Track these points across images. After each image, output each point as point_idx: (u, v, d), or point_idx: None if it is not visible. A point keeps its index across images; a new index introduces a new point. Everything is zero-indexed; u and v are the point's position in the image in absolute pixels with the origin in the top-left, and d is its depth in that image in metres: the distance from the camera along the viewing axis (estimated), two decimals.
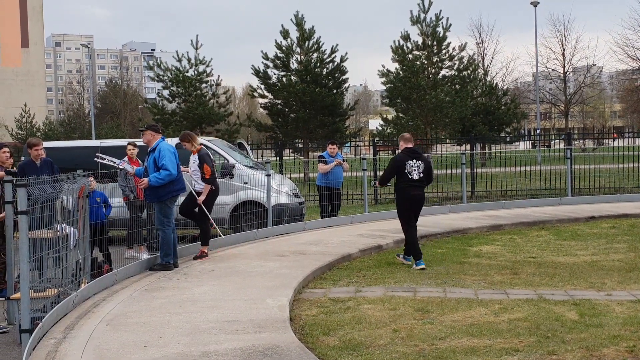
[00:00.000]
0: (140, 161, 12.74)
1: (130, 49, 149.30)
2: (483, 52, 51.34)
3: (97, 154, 10.78)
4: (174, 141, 15.03)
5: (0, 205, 8.12)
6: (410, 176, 9.90)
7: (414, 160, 9.97)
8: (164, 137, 9.83)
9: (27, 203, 6.57)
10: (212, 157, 10.92)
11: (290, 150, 34.53)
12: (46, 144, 15.01)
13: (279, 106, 33.32)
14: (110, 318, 6.84)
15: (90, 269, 9.04)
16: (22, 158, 13.89)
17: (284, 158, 25.49)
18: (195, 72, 33.55)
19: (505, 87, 49.10)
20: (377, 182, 10.86)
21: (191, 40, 33.00)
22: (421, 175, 9.94)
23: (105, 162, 10.40)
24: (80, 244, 8.60)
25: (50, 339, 6.12)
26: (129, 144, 13.06)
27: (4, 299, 8.15)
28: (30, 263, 6.76)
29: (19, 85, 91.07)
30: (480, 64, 46.45)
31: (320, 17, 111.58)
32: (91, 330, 6.37)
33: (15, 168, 10.15)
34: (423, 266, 9.68)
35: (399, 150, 10.38)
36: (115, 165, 10.53)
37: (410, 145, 10.16)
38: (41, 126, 66.12)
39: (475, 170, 22.32)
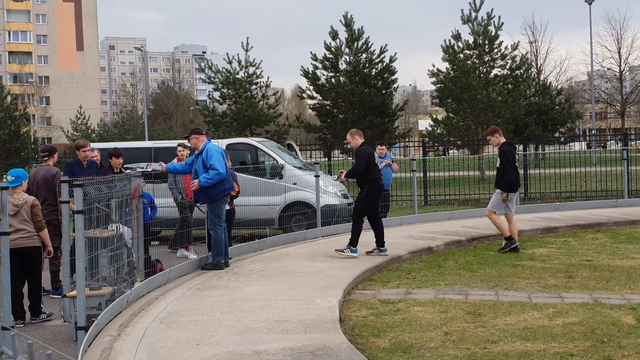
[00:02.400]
0: None
1: (182, 52, 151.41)
2: (536, 50, 50.52)
3: (124, 166, 10.94)
4: (224, 142, 15.23)
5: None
6: (379, 166, 10.62)
7: (375, 153, 10.66)
8: (210, 139, 9.92)
9: (83, 203, 6.72)
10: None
11: (339, 151, 34.54)
12: (100, 145, 15.36)
13: (328, 107, 33.33)
14: (164, 316, 6.94)
15: (143, 268, 9.20)
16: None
17: (332, 159, 25.51)
18: (246, 74, 33.83)
19: (559, 86, 48.28)
20: (344, 174, 11.04)
21: (242, 43, 33.29)
22: (380, 166, 10.70)
23: (134, 172, 10.54)
24: (134, 243, 8.75)
25: (105, 336, 6.23)
26: (179, 145, 13.21)
27: (60, 296, 8.38)
28: (85, 262, 6.91)
29: (75, 88, 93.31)
30: (533, 63, 45.72)
31: (369, 17, 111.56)
32: (145, 328, 6.47)
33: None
34: (357, 254, 10.22)
35: (355, 145, 10.73)
36: (144, 169, 10.66)
37: (363, 139, 10.75)
38: (96, 128, 67.66)
39: (528, 171, 21.95)
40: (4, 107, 37.84)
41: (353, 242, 10.36)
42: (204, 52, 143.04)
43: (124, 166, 10.95)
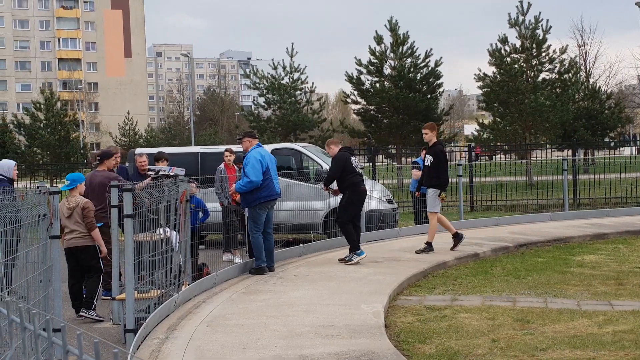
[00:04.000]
0: (236, 167, 13.02)
1: (228, 58, 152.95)
2: (585, 54, 49.49)
3: (148, 167, 11.03)
4: (269, 147, 15.32)
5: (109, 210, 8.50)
6: (357, 170, 10.41)
7: (353, 157, 10.52)
8: (260, 144, 9.97)
9: (132, 207, 6.83)
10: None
11: (384, 156, 34.50)
12: (148, 150, 15.60)
13: (372, 112, 33.27)
14: (210, 319, 7.01)
15: (191, 271, 9.30)
16: (127, 164, 14.45)
17: (377, 164, 25.45)
18: (290, 79, 34.01)
19: (608, 90, 47.26)
20: (324, 185, 10.87)
21: (286, 48, 33.49)
22: (362, 169, 10.54)
23: (159, 173, 10.61)
24: (181, 247, 8.87)
25: (153, 339, 6.32)
26: (226, 150, 13.36)
27: (109, 298, 8.55)
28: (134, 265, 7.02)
29: (123, 94, 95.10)
30: (582, 67, 44.88)
31: (414, 21, 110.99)
32: (192, 331, 6.54)
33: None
34: (364, 255, 10.24)
35: (333, 154, 10.69)
36: (167, 172, 10.75)
37: (340, 146, 10.71)
38: (143, 133, 68.67)
39: (577, 176, 21.57)
40: (54, 113, 38.74)
41: (354, 247, 10.35)
42: (249, 58, 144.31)
43: (148, 167, 11.06)
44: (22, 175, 28.20)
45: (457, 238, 11.19)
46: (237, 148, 14.41)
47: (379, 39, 32.55)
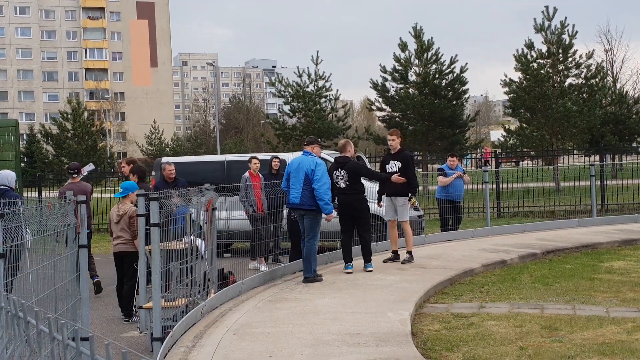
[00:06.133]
0: (261, 176, 13.06)
1: (253, 66, 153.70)
2: (612, 59, 49.01)
3: (83, 169, 11.40)
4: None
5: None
6: (337, 185, 10.28)
7: (339, 170, 10.30)
8: (306, 151, 9.95)
9: (159, 216, 6.89)
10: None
11: None
12: (174, 159, 15.72)
13: (397, 119, 33.18)
14: (237, 328, 7.03)
15: (217, 280, 9.34)
16: (153, 173, 14.57)
17: None
18: (315, 87, 34.06)
19: (636, 95, 46.68)
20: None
21: (311, 56, 33.57)
22: (347, 183, 10.20)
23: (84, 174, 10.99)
24: (207, 255, 8.91)
25: (180, 347, 6.35)
26: (252, 158, 13.42)
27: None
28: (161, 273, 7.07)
29: (149, 103, 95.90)
30: (609, 72, 44.42)
31: (439, 28, 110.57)
32: (219, 339, 6.57)
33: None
34: (350, 270, 10.08)
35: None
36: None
37: (341, 154, 10.58)
38: (169, 142, 69.20)
39: (605, 182, 21.30)
40: (81, 123, 39.19)
41: (344, 259, 10.37)
42: (274, 67, 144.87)
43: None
44: (50, 185, 28.55)
45: (395, 258, 10.99)
46: (262, 156, 14.49)
47: (403, 46, 32.49)
